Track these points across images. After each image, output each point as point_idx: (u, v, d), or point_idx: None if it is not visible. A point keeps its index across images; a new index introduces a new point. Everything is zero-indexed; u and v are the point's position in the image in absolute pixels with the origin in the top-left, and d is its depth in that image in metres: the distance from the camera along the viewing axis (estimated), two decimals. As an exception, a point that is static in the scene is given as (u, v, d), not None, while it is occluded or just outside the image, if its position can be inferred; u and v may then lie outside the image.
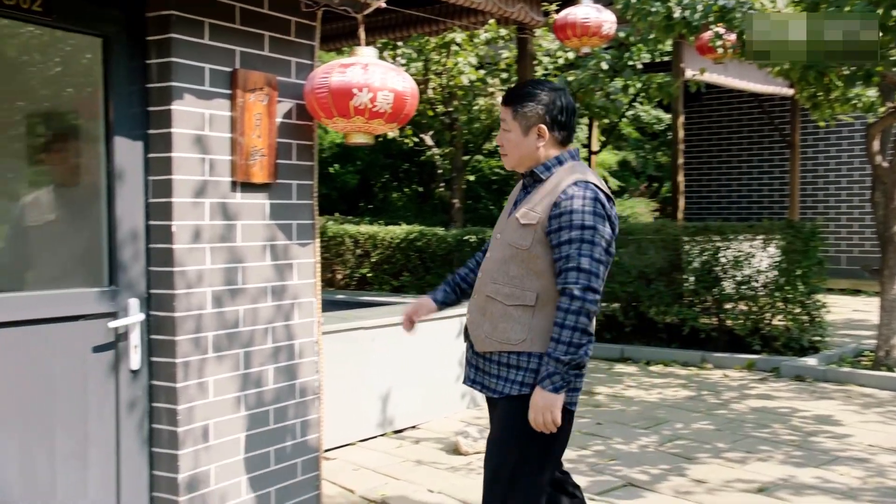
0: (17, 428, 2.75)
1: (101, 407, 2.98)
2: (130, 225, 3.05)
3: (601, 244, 2.55)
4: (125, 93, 3.03)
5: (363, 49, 3.44)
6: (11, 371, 2.73)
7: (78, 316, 2.91)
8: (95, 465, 2.97)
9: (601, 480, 4.65)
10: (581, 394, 6.63)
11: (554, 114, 2.68)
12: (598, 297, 2.53)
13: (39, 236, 3.00)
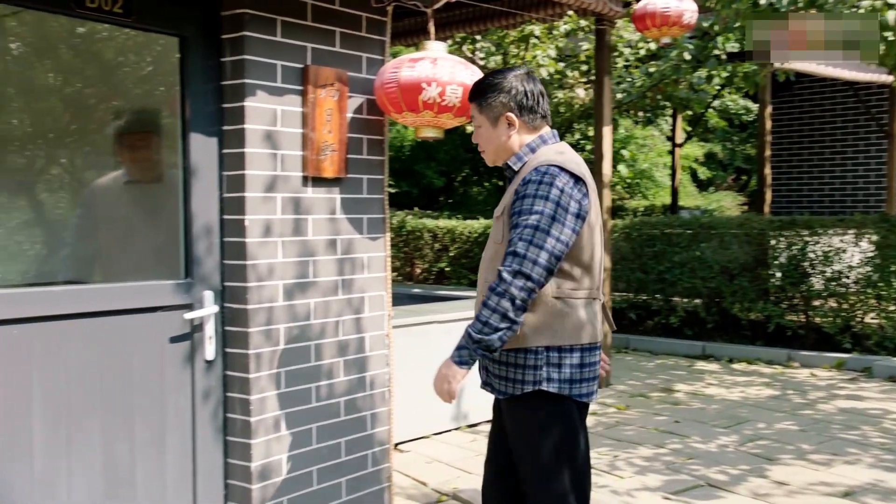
0: (99, 415, 2.86)
1: (178, 396, 3.07)
2: (205, 219, 3.13)
3: (546, 230, 2.43)
4: (201, 91, 3.11)
5: (432, 43, 3.44)
6: (94, 360, 2.84)
7: (156, 307, 3.01)
8: (173, 452, 3.07)
9: (677, 479, 4.56)
10: (660, 391, 6.56)
11: (519, 99, 2.64)
12: (531, 285, 2.42)
13: (121, 230, 3.11)
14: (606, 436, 5.50)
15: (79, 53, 3.02)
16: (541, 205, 2.44)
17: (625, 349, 8.93)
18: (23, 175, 2.91)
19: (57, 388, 2.74)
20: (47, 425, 2.72)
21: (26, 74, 2.85)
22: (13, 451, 2.63)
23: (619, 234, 9.15)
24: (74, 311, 2.78)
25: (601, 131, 6.92)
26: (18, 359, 2.63)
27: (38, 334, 2.69)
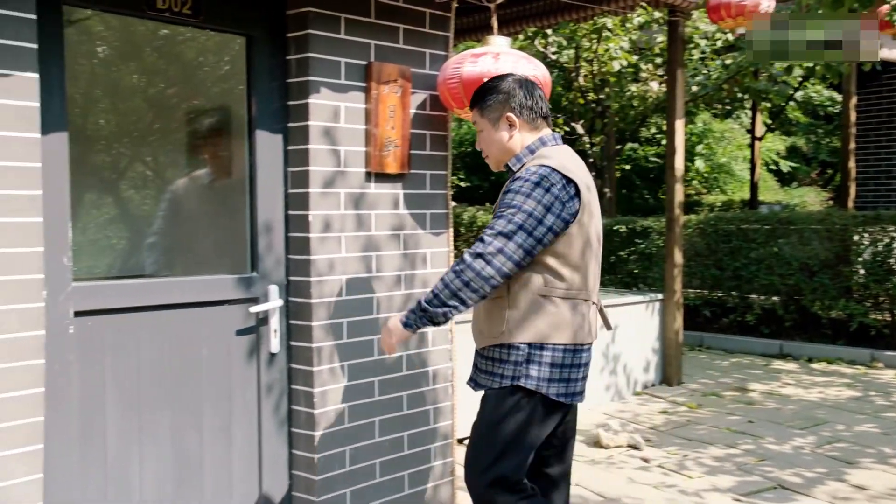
0: (169, 405, 2.95)
1: (244, 387, 3.14)
2: (271, 214, 3.19)
3: (520, 223, 2.45)
4: (266, 89, 3.17)
5: (496, 38, 3.44)
6: (166, 351, 2.93)
7: (223, 301, 3.08)
8: (239, 442, 3.14)
9: (749, 481, 4.45)
10: (733, 390, 6.40)
11: (518, 100, 2.68)
12: (489, 271, 2.44)
13: (193, 226, 3.20)
14: (676, 435, 5.40)
15: (160, 55, 3.11)
16: (520, 200, 2.47)
17: (698, 347, 8.75)
18: (109, 173, 3.03)
19: (129, 378, 2.83)
20: (119, 414, 2.82)
21: (111, 76, 2.96)
22: (89, 437, 2.73)
23: (693, 230, 8.96)
24: (146, 303, 2.87)
25: (674, 125, 6.79)
26: (93, 349, 2.73)
27: (112, 326, 2.78)
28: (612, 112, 11.09)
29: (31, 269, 2.41)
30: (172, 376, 2.95)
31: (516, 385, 2.57)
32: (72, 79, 2.71)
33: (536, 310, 2.54)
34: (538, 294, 2.54)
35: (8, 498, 2.38)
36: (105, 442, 2.78)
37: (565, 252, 2.54)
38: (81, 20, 2.79)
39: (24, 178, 2.38)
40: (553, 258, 2.53)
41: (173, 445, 2.97)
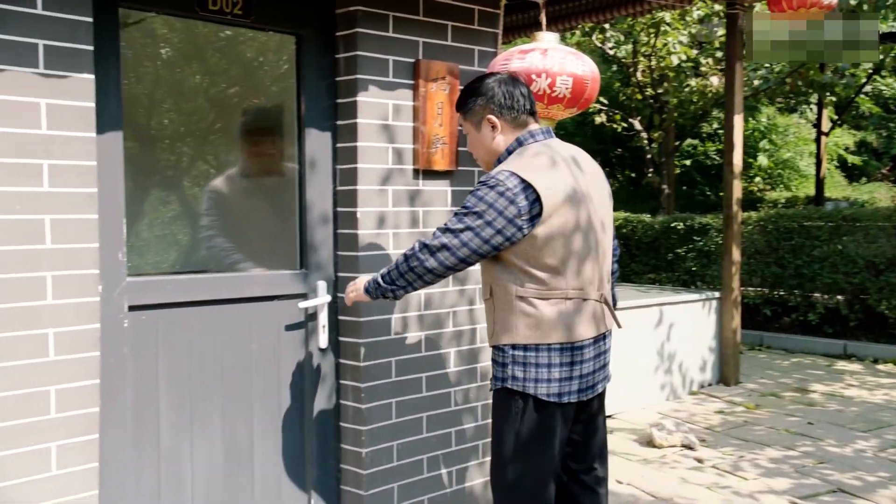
0: (221, 397, 3.01)
1: (293, 381, 3.19)
2: (320, 211, 3.24)
3: (468, 223, 2.48)
4: (316, 87, 3.21)
5: (544, 34, 3.42)
6: (217, 345, 2.99)
7: (273, 296, 3.13)
8: (288, 435, 3.20)
9: (806, 483, 4.35)
10: (793, 391, 6.26)
11: (497, 100, 2.65)
12: (431, 263, 2.53)
13: (243, 222, 3.26)
14: (732, 435, 5.31)
15: (220, 55, 3.18)
16: (473, 202, 2.50)
17: (758, 346, 8.58)
18: (172, 170, 3.12)
19: (181, 371, 2.90)
20: (172, 406, 2.89)
21: (173, 77, 3.04)
22: (142, 428, 2.81)
23: (754, 227, 8.77)
24: (198, 298, 2.93)
25: (732, 120, 6.67)
26: (146, 342, 2.81)
27: (165, 320, 2.85)
28: (671, 107, 10.93)
29: (88, 265, 2.49)
30: (223, 370, 3.02)
31: (506, 387, 2.58)
32: (136, 79, 2.81)
33: (515, 311, 2.54)
34: (515, 296, 2.54)
35: (67, 485, 2.46)
36: (158, 433, 2.85)
37: (534, 254, 2.50)
38: (143, 22, 2.87)
39: (81, 176, 2.46)
40: (522, 261, 2.51)
41: (224, 437, 3.03)
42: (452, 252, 2.52)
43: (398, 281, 2.64)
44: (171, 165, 3.12)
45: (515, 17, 7.20)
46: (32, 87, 2.36)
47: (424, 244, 2.56)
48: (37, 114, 2.37)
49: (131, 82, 2.84)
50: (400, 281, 2.63)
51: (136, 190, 2.88)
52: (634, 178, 17.08)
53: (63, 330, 2.44)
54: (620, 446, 5.12)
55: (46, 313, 2.41)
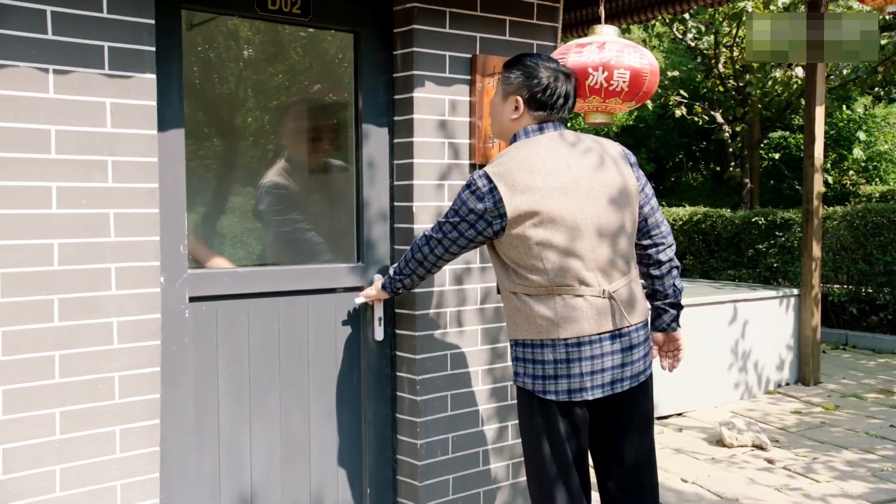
0: (278, 387, 3.10)
1: (350, 373, 3.26)
2: (378, 206, 3.29)
3: (448, 218, 2.63)
4: (373, 83, 3.27)
5: (602, 27, 3.39)
6: (275, 336, 3.07)
7: (331, 289, 3.21)
8: (345, 426, 3.27)
9: (883, 488, 4.20)
10: (877, 392, 6.04)
11: (536, 90, 2.60)
12: (426, 252, 2.72)
13: (307, 216, 3.36)
14: (807, 436, 5.16)
15: (303, 52, 3.28)
16: (455, 200, 2.62)
17: (843, 346, 8.29)
18: (256, 167, 3.25)
19: (240, 361, 3.00)
20: (231, 395, 2.98)
21: (255, 76, 3.17)
22: (203, 415, 2.91)
23: (839, 222, 8.47)
24: (257, 290, 3.02)
25: (813, 112, 6.46)
26: (206, 332, 2.91)
27: (225, 311, 2.95)
28: (754, 99, 10.63)
29: (149, 257, 2.60)
30: (280, 360, 3.09)
31: (516, 383, 2.67)
32: (220, 79, 2.97)
33: (513, 308, 2.61)
34: (510, 292, 2.60)
35: (130, 467, 2.59)
36: (218, 421, 2.95)
37: (515, 253, 2.54)
38: (206, 22, 2.98)
39: (143, 172, 2.57)
40: (509, 258, 2.57)
41: (281, 427, 3.10)
42: (438, 243, 2.69)
43: (405, 270, 2.84)
44: (260, 160, 3.24)
45: (580, 13, 7.15)
46: (98, 88, 2.48)
47: (426, 235, 2.73)
48: (102, 112, 2.49)
49: (198, 80, 2.95)
50: (406, 269, 2.83)
51: (231, 186, 3.00)
52: (719, 171, 16.66)
53: (126, 319, 2.56)
54: (689, 445, 5.04)
55: (111, 303, 2.54)
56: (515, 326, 2.61)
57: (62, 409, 2.47)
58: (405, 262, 2.82)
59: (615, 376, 2.57)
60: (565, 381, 2.53)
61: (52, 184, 2.42)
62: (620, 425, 2.66)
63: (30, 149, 2.38)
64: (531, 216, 2.49)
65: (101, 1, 2.47)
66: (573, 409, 2.57)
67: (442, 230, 2.66)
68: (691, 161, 17.55)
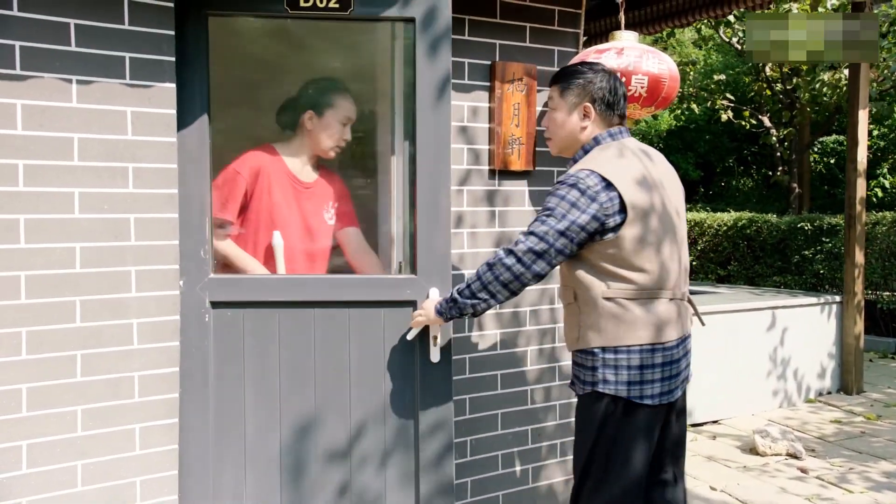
0: (316, 403, 3.03)
1: (401, 394, 3.07)
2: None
3: (553, 225, 2.45)
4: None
5: (622, 33, 3.40)
6: (313, 349, 2.94)
7: (377, 302, 2.95)
8: (396, 451, 3.27)
9: (917, 500, 4.10)
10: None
11: (602, 93, 2.62)
12: (519, 268, 2.48)
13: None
14: (845, 446, 5.06)
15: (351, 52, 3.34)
16: (554, 202, 2.48)
17: (891, 355, 8.08)
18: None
19: (269, 373, 2.90)
20: (259, 404, 2.88)
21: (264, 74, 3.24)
22: (225, 419, 2.90)
23: (889, 228, 8.26)
24: (286, 299, 2.90)
25: (856, 116, 6.33)
26: (231, 339, 2.89)
27: (252, 318, 2.88)
28: (803, 103, 10.44)
29: (168, 261, 2.68)
30: (317, 375, 2.94)
31: (596, 391, 2.55)
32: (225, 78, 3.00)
33: (604, 313, 2.52)
34: (602, 297, 2.52)
35: (149, 464, 2.67)
36: (244, 430, 2.89)
37: (620, 255, 2.48)
38: (229, 21, 3.05)
39: (163, 178, 2.65)
40: (608, 262, 2.49)
41: (317, 442, 2.94)
42: (540, 255, 2.47)
43: (480, 293, 2.55)
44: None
45: (612, 20, 7.14)
46: (120, 97, 2.58)
47: (510, 250, 2.50)
48: (123, 121, 2.59)
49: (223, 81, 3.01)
50: (482, 293, 2.55)
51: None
52: (769, 176, 16.37)
53: (146, 320, 2.65)
54: (722, 452, 4.98)
55: (131, 304, 2.63)
56: (604, 333, 2.52)
57: (83, 407, 2.56)
58: (481, 285, 2.54)
59: (682, 379, 2.64)
60: (658, 384, 2.54)
61: (74, 189, 2.51)
62: (671, 425, 2.70)
63: (54, 156, 2.48)
64: (644, 215, 2.49)
65: (122, 13, 2.56)
66: (659, 414, 2.58)
67: (545, 241, 2.46)
68: (742, 166, 17.28)
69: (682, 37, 15.70)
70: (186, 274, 2.81)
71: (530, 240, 2.48)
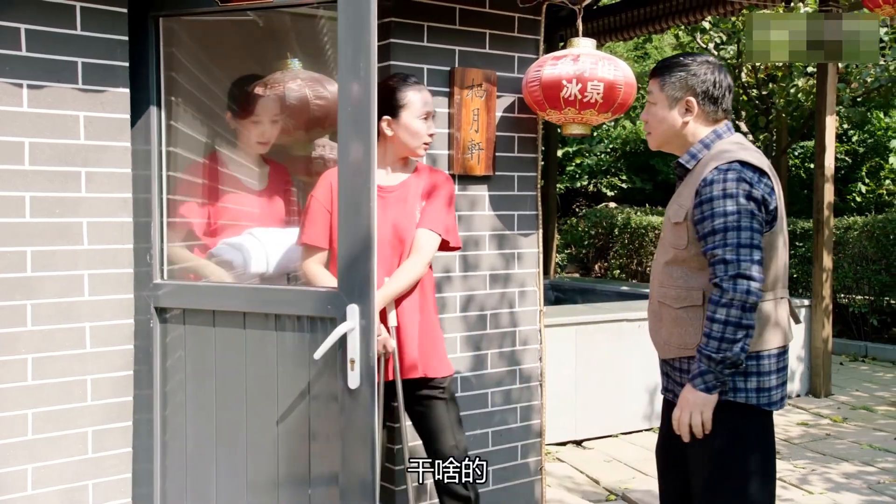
0: (245, 415, 3.02)
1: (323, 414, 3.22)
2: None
3: (749, 227, 2.28)
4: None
5: (580, 40, 3.43)
6: (245, 360, 2.75)
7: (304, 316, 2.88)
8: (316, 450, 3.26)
9: (876, 500, 4.15)
10: (889, 405, 5.94)
11: (706, 87, 2.48)
12: (755, 285, 2.26)
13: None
14: (809, 448, 5.11)
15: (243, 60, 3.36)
16: (730, 204, 2.30)
17: (862, 358, 8.16)
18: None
19: (206, 378, 2.77)
20: (198, 411, 2.78)
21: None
22: (170, 426, 2.83)
23: (860, 233, 8.35)
24: (227, 308, 2.74)
25: (823, 121, 6.40)
26: (174, 345, 2.81)
27: (193, 325, 2.76)
28: (778, 108, 10.53)
29: (122, 264, 2.70)
30: (248, 389, 2.74)
31: (727, 400, 2.39)
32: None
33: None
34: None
35: (101, 467, 2.68)
36: (185, 437, 2.82)
37: (768, 249, 2.37)
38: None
39: (116, 182, 2.67)
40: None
41: (247, 460, 2.75)
42: (756, 261, 2.29)
43: (738, 334, 2.28)
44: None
45: (591, 25, 7.19)
46: (72, 102, 2.59)
47: (734, 276, 2.27)
48: (76, 125, 2.60)
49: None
50: (740, 333, 2.28)
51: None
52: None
53: (99, 324, 2.66)
54: (688, 455, 5.02)
55: (84, 308, 2.64)
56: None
57: (34, 411, 2.57)
58: (735, 326, 2.27)
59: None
60: (780, 389, 2.44)
61: (25, 193, 2.52)
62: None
63: (4, 160, 2.49)
64: (778, 210, 2.42)
65: (74, 19, 2.58)
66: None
67: (748, 231, 2.28)
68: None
69: (661, 42, 15.80)
70: (136, 279, 2.81)
71: (742, 252, 2.30)
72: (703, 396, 2.34)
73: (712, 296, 2.31)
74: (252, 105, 3.13)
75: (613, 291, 7.49)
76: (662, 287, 2.51)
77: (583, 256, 12.65)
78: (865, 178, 16.29)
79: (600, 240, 11.86)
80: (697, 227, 2.38)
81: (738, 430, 2.41)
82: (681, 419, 2.39)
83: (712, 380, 2.32)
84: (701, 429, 2.37)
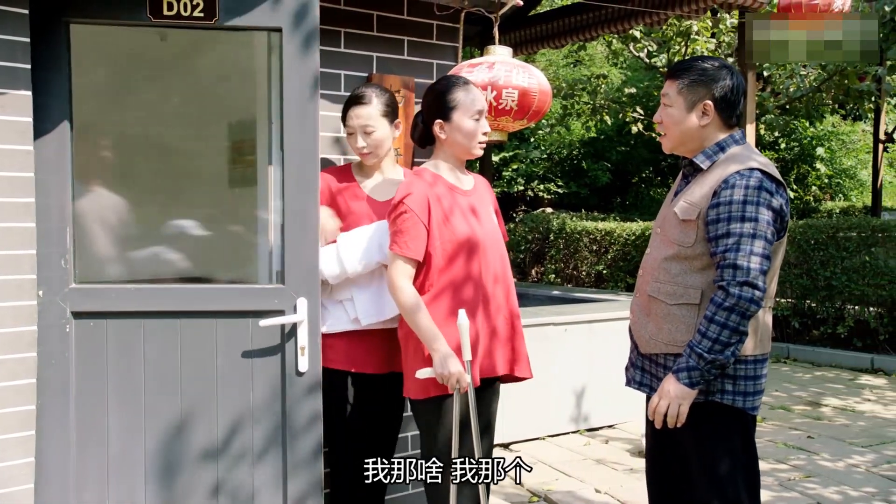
0: (182, 412, 3.04)
1: (270, 405, 3.24)
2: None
3: (763, 236, 2.32)
4: (269, 100, 3.32)
5: (496, 48, 3.48)
6: (179, 358, 2.87)
7: (245, 312, 2.92)
8: (265, 460, 3.26)
9: (784, 497, 4.29)
10: (805, 405, 6.13)
11: (724, 92, 2.48)
12: (759, 294, 2.31)
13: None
14: (728, 448, 5.25)
15: (182, 62, 3.33)
16: (751, 212, 2.33)
17: (784, 359, 8.41)
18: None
19: (134, 384, 2.85)
20: (124, 415, 2.85)
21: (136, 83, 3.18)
22: (88, 431, 2.83)
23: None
24: (153, 309, 2.85)
25: (744, 130, 6.58)
26: (94, 350, 2.83)
27: (116, 329, 2.84)
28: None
29: (25, 270, 2.64)
30: (183, 385, 2.89)
31: (713, 401, 2.44)
32: (92, 88, 2.94)
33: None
34: None
35: (2, 478, 2.62)
36: (108, 441, 2.84)
37: (771, 259, 2.40)
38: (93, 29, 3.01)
39: (18, 187, 2.61)
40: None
41: (182, 445, 2.90)
42: (763, 270, 2.33)
43: (732, 339, 2.33)
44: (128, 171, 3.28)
45: (511, 35, 7.27)
46: (-29, 105, 2.53)
47: (742, 283, 2.31)
48: (-25, 129, 2.54)
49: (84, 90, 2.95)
50: (734, 338, 2.34)
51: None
52: (682, 187, 16.85)
53: (0, 331, 2.60)
54: (612, 456, 5.11)
55: (-17, 316, 2.58)
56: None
57: (-70, 421, 2.50)
58: (731, 330, 2.32)
59: None
60: (761, 395, 2.49)
61: (-80, 198, 2.46)
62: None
63: None
64: (787, 222, 2.47)
65: (-27, 20, 2.52)
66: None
67: (759, 239, 2.31)
68: (660, 177, 17.74)
69: (594, 50, 16.06)
70: (46, 284, 2.76)
71: (753, 260, 2.32)
72: (686, 390, 2.39)
73: (715, 297, 2.36)
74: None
75: (545, 296, 7.59)
76: (656, 282, 2.54)
77: (520, 261, 12.77)
78: (793, 185, 16.79)
79: (536, 244, 11.99)
80: (710, 227, 2.40)
81: (721, 430, 2.46)
82: (658, 407, 2.45)
83: (698, 376, 2.37)
84: (675, 420, 2.43)
